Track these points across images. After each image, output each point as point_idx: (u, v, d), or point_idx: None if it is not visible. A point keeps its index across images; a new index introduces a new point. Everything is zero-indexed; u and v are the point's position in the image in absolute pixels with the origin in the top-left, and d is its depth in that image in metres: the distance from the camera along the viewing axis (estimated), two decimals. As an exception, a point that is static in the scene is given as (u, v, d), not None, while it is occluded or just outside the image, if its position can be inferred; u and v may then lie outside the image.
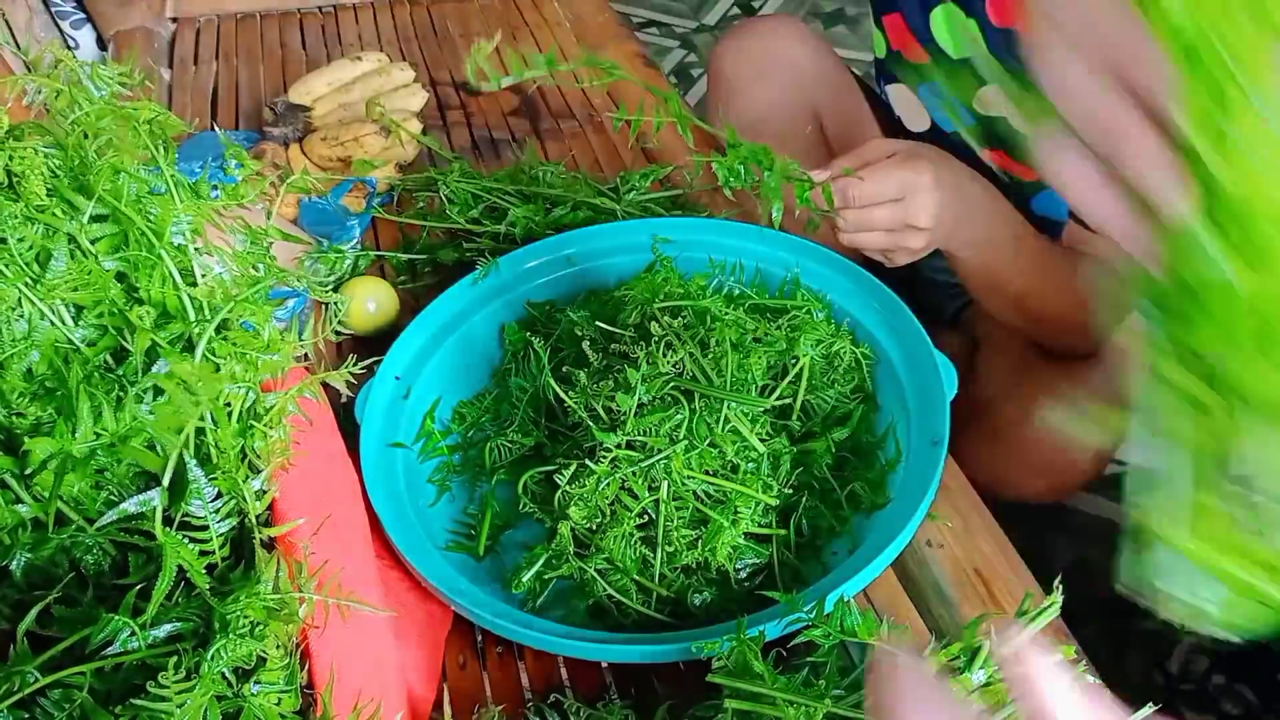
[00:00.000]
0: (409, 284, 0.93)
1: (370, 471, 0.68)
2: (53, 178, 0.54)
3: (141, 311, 0.53)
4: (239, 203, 0.59)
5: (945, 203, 0.79)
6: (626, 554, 0.65)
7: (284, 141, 1.07)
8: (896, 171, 0.78)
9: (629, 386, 0.66)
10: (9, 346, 0.51)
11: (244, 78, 1.28)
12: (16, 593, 0.49)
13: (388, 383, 0.76)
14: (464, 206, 0.96)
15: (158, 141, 0.57)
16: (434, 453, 0.76)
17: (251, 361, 0.55)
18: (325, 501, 0.60)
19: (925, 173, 0.78)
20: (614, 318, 0.75)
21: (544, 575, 0.67)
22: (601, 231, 0.87)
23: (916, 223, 0.79)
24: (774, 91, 1.07)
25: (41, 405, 0.50)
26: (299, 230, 0.96)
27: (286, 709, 0.48)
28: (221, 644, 0.45)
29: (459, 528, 0.72)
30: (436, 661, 0.64)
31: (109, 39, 1.35)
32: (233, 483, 0.52)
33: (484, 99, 1.23)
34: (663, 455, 0.64)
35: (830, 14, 2.63)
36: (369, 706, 0.53)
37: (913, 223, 0.79)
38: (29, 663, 0.44)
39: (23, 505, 0.49)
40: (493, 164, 1.12)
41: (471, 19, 1.40)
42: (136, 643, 0.46)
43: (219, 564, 0.50)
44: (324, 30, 1.38)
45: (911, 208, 0.78)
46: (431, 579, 0.62)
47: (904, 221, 0.79)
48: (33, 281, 0.52)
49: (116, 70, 0.56)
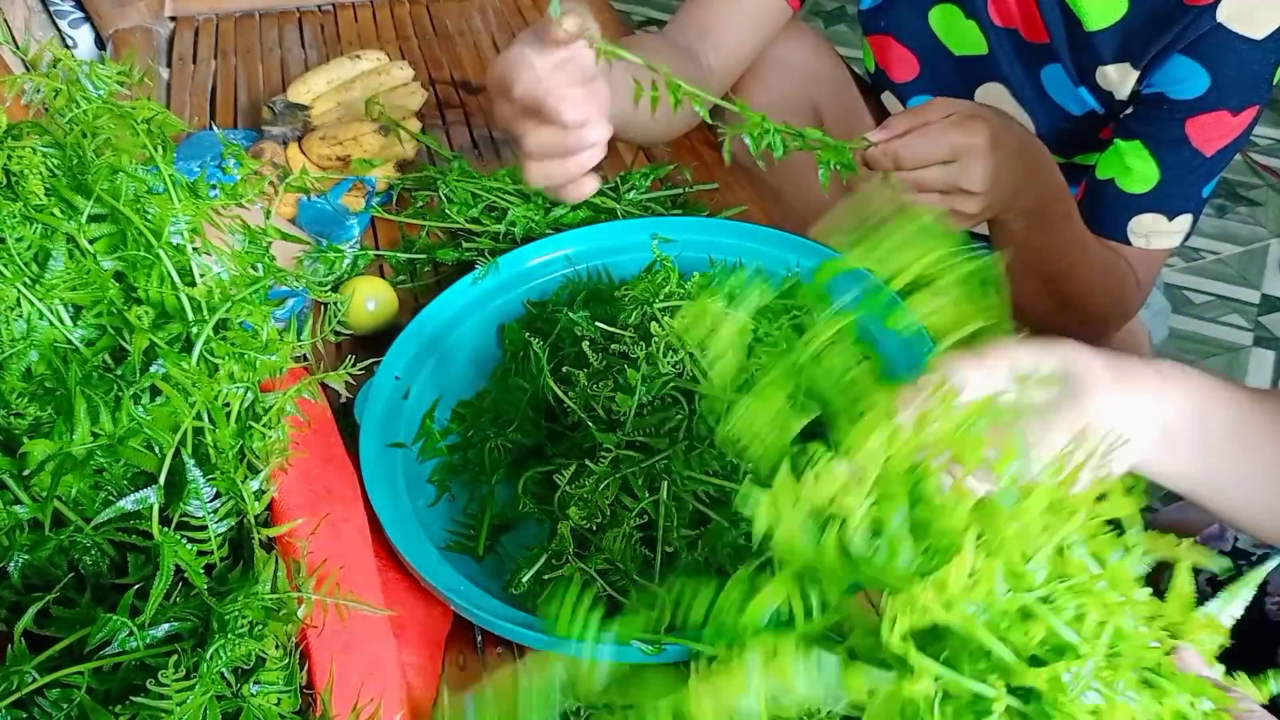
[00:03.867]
0: (408, 283, 0.93)
1: (370, 472, 0.68)
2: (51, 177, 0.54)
3: (140, 311, 0.53)
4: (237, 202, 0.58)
5: (1001, 167, 0.76)
6: (626, 554, 0.65)
7: (283, 140, 1.06)
8: (950, 133, 0.75)
9: (629, 387, 0.66)
10: (8, 346, 0.51)
11: (242, 76, 1.28)
12: (14, 593, 0.49)
13: (387, 383, 0.76)
14: (463, 206, 0.96)
15: (156, 141, 0.56)
16: (433, 453, 0.76)
17: (250, 361, 0.55)
18: (324, 502, 0.60)
19: (980, 134, 0.75)
20: (614, 318, 0.75)
21: (544, 576, 0.67)
22: (601, 231, 0.87)
23: (970, 186, 0.76)
24: (774, 90, 1.06)
25: (40, 405, 0.50)
26: (298, 229, 0.96)
27: (286, 709, 0.48)
28: (220, 644, 0.45)
29: (459, 528, 0.72)
30: (436, 661, 0.64)
31: (107, 38, 1.35)
32: (231, 483, 0.52)
33: (483, 97, 1.23)
34: (662, 455, 0.64)
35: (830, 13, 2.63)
36: (369, 706, 0.53)
37: (965, 186, 0.76)
38: (27, 663, 0.44)
39: (21, 506, 0.49)
40: (492, 163, 1.12)
41: (471, 17, 1.40)
42: (135, 643, 0.46)
43: (218, 564, 0.50)
44: (323, 29, 1.38)
45: (965, 170, 0.75)
46: (431, 579, 0.62)
47: (956, 184, 0.76)
48: (31, 281, 0.52)
49: (115, 69, 0.56)
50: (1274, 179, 2.08)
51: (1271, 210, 2.01)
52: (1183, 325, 1.77)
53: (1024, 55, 0.99)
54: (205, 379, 0.52)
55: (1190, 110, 0.87)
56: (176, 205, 0.56)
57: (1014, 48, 0.99)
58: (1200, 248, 1.93)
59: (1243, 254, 1.92)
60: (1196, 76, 0.86)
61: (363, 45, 1.31)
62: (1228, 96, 0.86)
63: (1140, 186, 0.92)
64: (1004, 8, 0.97)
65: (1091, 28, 0.91)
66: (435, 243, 0.95)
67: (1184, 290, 1.84)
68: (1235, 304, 1.82)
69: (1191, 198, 0.93)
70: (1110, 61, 0.92)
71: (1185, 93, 0.87)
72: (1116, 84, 0.93)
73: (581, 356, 0.73)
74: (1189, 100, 0.87)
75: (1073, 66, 0.95)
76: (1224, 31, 0.83)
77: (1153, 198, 0.92)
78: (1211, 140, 0.88)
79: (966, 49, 1.03)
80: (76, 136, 0.55)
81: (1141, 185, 0.92)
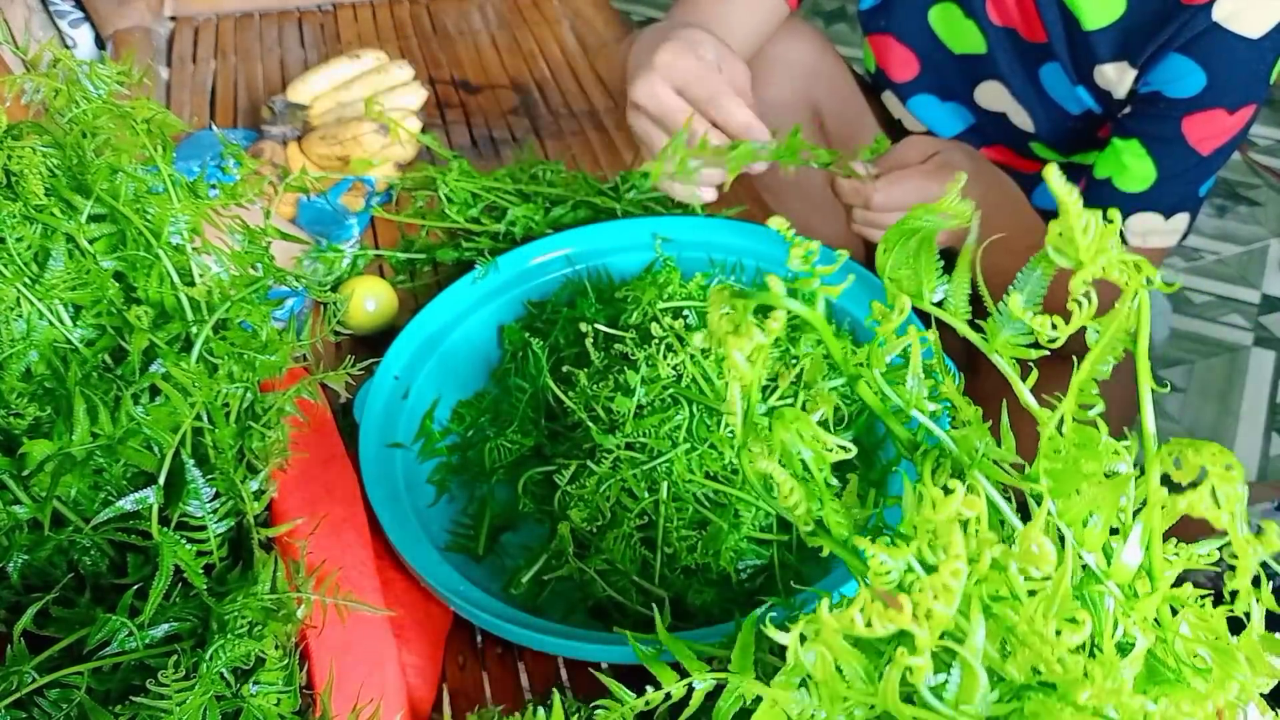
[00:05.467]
0: (408, 283, 0.93)
1: (369, 472, 0.68)
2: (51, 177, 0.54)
3: (139, 311, 0.53)
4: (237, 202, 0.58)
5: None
6: (626, 555, 0.65)
7: (282, 140, 1.06)
8: (921, 184, 0.78)
9: (629, 389, 0.66)
10: (8, 346, 0.51)
11: (242, 76, 1.28)
12: (14, 593, 0.49)
13: (386, 383, 0.76)
14: (463, 205, 0.96)
15: (156, 140, 0.56)
16: (433, 453, 0.76)
17: (249, 361, 0.55)
18: (324, 502, 0.60)
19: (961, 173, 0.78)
20: (615, 318, 0.75)
21: (544, 576, 0.67)
22: (601, 230, 0.87)
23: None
24: (774, 89, 1.06)
25: (40, 405, 0.50)
26: (297, 229, 0.96)
27: (285, 709, 0.48)
28: (220, 644, 0.45)
29: (458, 528, 0.72)
30: (436, 661, 0.64)
31: (107, 38, 1.35)
32: (231, 483, 0.52)
33: (483, 97, 1.23)
34: (664, 458, 0.64)
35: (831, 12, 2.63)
36: (369, 706, 0.53)
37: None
38: (27, 663, 0.44)
39: (20, 506, 0.49)
40: (492, 163, 1.12)
41: (471, 17, 1.40)
42: (134, 643, 0.46)
43: (217, 564, 0.50)
44: (323, 29, 1.38)
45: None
46: (431, 579, 0.62)
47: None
48: (31, 281, 0.52)
49: (115, 69, 0.56)
50: (1274, 179, 2.08)
51: (1271, 210, 2.01)
52: (1183, 325, 1.77)
53: (1022, 54, 0.99)
54: (205, 379, 0.52)
55: (1187, 109, 0.87)
56: (176, 205, 0.56)
57: (1012, 47, 0.99)
58: (1200, 248, 1.93)
59: (1243, 254, 1.92)
60: (1193, 75, 0.86)
61: (363, 45, 1.31)
62: (1224, 95, 0.86)
63: (1137, 185, 0.92)
64: (1002, 7, 0.97)
65: (1089, 27, 0.91)
66: (435, 242, 0.95)
67: (1184, 290, 1.84)
68: (1235, 304, 1.82)
69: (1189, 196, 0.93)
70: (1108, 60, 0.92)
71: (1181, 91, 0.87)
72: (1114, 83, 0.93)
73: (582, 356, 0.73)
74: (1185, 99, 0.87)
75: (1071, 65, 0.95)
76: (1220, 31, 0.83)
77: (1149, 196, 0.92)
78: (1208, 139, 0.88)
79: (965, 48, 1.03)
80: (76, 136, 0.55)
81: (1138, 184, 0.92)
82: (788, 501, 0.39)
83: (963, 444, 0.41)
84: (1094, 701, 0.29)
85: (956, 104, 1.10)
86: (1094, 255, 0.30)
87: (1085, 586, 0.34)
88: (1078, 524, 0.35)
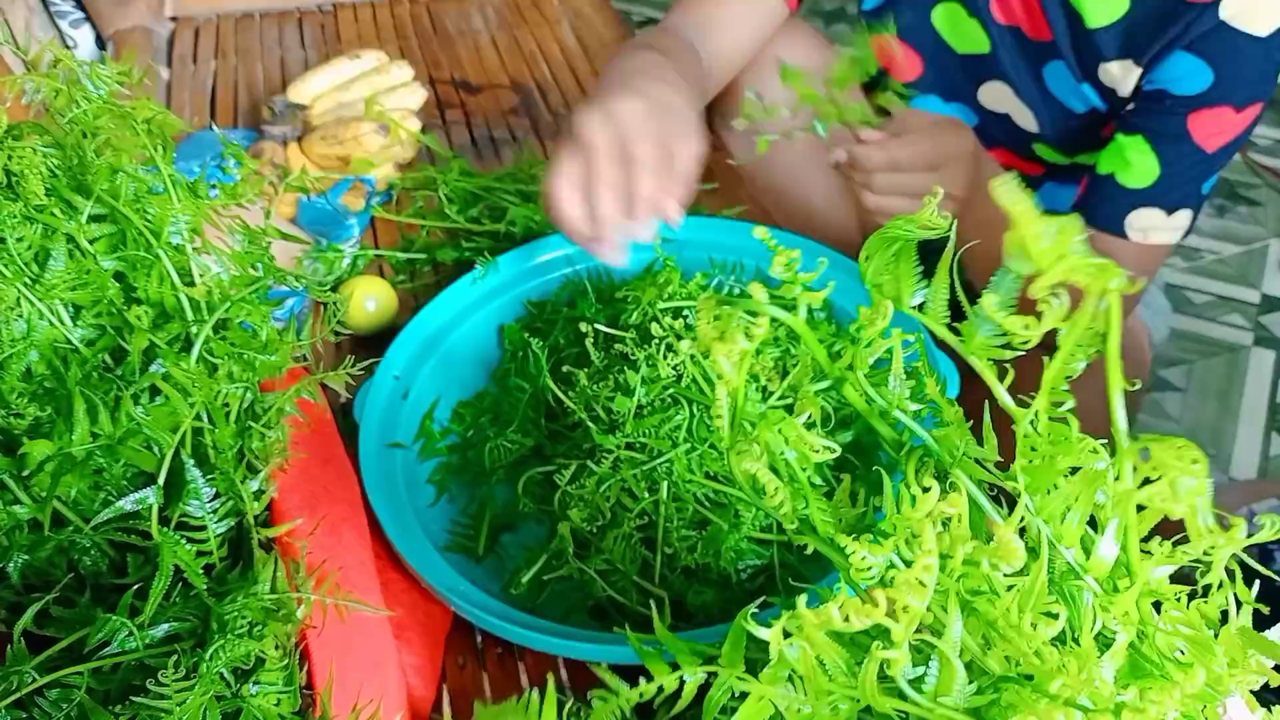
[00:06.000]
0: (408, 283, 0.93)
1: (369, 472, 0.68)
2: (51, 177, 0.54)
3: (139, 311, 0.53)
4: (237, 202, 0.58)
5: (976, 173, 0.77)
6: (626, 555, 0.65)
7: (282, 140, 1.06)
8: (936, 135, 0.76)
9: (629, 389, 0.66)
10: (8, 346, 0.51)
11: (242, 76, 1.28)
12: (14, 593, 0.49)
13: (386, 383, 0.76)
14: (463, 205, 0.95)
15: (156, 141, 0.56)
16: (433, 453, 0.76)
17: (249, 361, 0.55)
18: (324, 502, 0.60)
19: (967, 141, 0.76)
20: (615, 318, 0.75)
21: (544, 576, 0.67)
22: (601, 231, 0.87)
23: (954, 191, 0.76)
24: (773, 90, 1.06)
25: (40, 405, 0.50)
26: (297, 229, 0.96)
27: (285, 709, 0.48)
28: (220, 644, 0.45)
29: (458, 528, 0.72)
30: (436, 661, 0.64)
31: (108, 38, 1.35)
32: (230, 483, 0.52)
33: (483, 97, 1.23)
34: (664, 458, 0.64)
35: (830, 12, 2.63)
36: (369, 706, 0.53)
37: (949, 191, 0.76)
38: (27, 663, 0.44)
39: (20, 506, 0.49)
40: (492, 162, 1.12)
41: (471, 17, 1.40)
42: (134, 643, 0.46)
43: (217, 564, 0.50)
44: (323, 29, 1.38)
45: (946, 176, 0.76)
46: (431, 579, 0.62)
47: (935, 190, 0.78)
48: (31, 281, 0.52)
49: (115, 69, 0.56)
50: (1274, 179, 2.08)
51: (1271, 210, 2.01)
52: (1183, 325, 1.77)
53: (1026, 53, 0.99)
54: (205, 379, 0.52)
55: (1193, 105, 0.87)
56: (176, 205, 0.56)
57: (1016, 45, 0.99)
58: (1200, 248, 1.93)
59: (1243, 254, 1.92)
60: (1200, 73, 0.86)
61: (363, 45, 1.31)
62: (1232, 93, 0.86)
63: (1140, 181, 0.92)
64: (1006, 5, 0.97)
65: (1093, 25, 0.91)
66: (435, 242, 0.95)
67: (1184, 290, 1.84)
68: (1235, 304, 1.82)
69: (1191, 194, 0.92)
70: (1112, 58, 0.92)
71: (1188, 89, 0.87)
72: (1119, 80, 0.93)
73: (582, 356, 0.73)
74: (1192, 96, 0.87)
75: (1075, 63, 0.95)
76: (1227, 29, 0.83)
77: (1151, 192, 0.92)
78: (1213, 136, 0.88)
79: (969, 47, 1.03)
80: (76, 136, 0.55)
81: (1141, 180, 0.92)
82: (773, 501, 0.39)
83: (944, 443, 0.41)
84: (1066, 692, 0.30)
85: (960, 105, 1.10)
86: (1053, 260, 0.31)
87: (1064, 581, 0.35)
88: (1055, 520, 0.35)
